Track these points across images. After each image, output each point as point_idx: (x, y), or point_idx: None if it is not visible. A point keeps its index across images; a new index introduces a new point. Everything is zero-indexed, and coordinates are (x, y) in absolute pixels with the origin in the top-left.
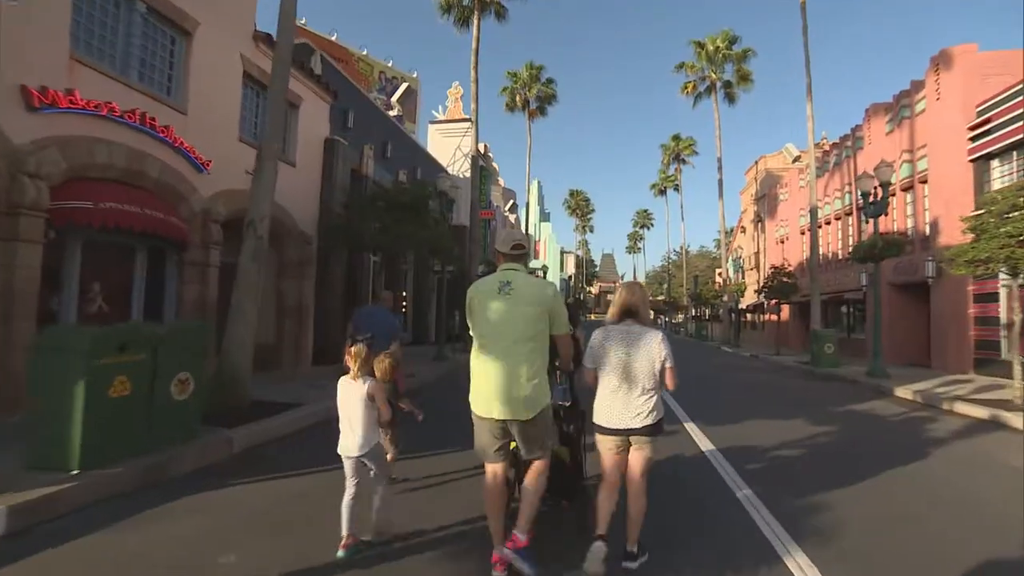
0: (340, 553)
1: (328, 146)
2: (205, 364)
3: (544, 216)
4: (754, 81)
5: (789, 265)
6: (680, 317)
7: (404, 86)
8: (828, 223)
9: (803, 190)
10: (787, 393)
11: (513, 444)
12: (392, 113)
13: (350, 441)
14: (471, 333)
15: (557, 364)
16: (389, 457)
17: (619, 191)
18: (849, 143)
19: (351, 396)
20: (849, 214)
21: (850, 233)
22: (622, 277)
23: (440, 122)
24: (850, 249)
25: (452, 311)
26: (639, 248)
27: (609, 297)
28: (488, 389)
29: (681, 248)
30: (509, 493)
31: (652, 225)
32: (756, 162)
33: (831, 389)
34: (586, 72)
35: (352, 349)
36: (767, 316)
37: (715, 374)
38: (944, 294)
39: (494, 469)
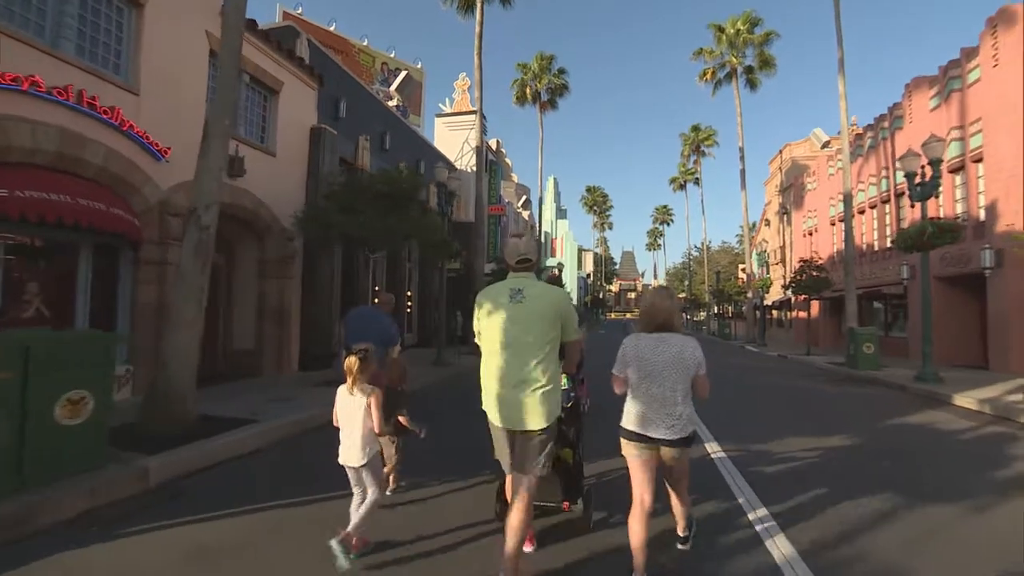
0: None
1: (314, 136)
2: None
3: (560, 213)
4: (777, 66)
5: (819, 258)
6: (702, 315)
7: (403, 74)
8: (862, 212)
9: (833, 178)
10: (824, 401)
11: None
12: (392, 103)
13: (350, 451)
14: (477, 341)
15: (561, 367)
16: (388, 467)
17: (638, 188)
18: (886, 124)
19: (349, 407)
20: (886, 201)
21: (888, 222)
22: (642, 275)
23: (447, 115)
24: (889, 239)
25: (455, 311)
26: (659, 245)
27: (630, 295)
28: (498, 398)
29: (702, 244)
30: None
31: (672, 221)
32: (781, 151)
33: (875, 396)
34: (599, 66)
35: (345, 362)
36: (794, 313)
37: (740, 378)
38: (1005, 286)
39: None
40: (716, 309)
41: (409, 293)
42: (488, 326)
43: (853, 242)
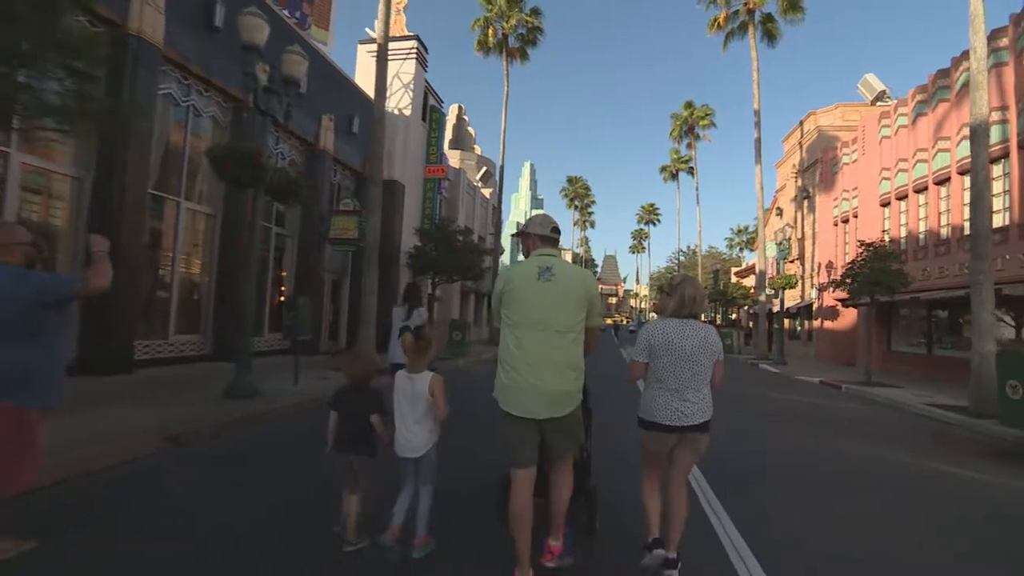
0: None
1: None
2: None
3: (536, 203)
4: (805, 9)
5: (885, 244)
6: None
7: None
8: (921, 190)
9: (891, 141)
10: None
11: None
12: None
13: (407, 441)
14: (498, 325)
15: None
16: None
17: (624, 188)
18: (1006, 41)
19: (411, 391)
20: (965, 173)
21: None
22: (624, 280)
23: (374, 41)
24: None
25: (311, 299)
26: (643, 247)
27: (611, 300)
28: (528, 385)
29: (698, 238)
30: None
31: (659, 221)
32: (801, 122)
33: None
34: (584, 36)
35: (404, 341)
36: (817, 322)
37: (787, 442)
38: None
39: (528, 475)
40: (710, 316)
41: (284, 274)
42: (515, 307)
43: (988, 205)
